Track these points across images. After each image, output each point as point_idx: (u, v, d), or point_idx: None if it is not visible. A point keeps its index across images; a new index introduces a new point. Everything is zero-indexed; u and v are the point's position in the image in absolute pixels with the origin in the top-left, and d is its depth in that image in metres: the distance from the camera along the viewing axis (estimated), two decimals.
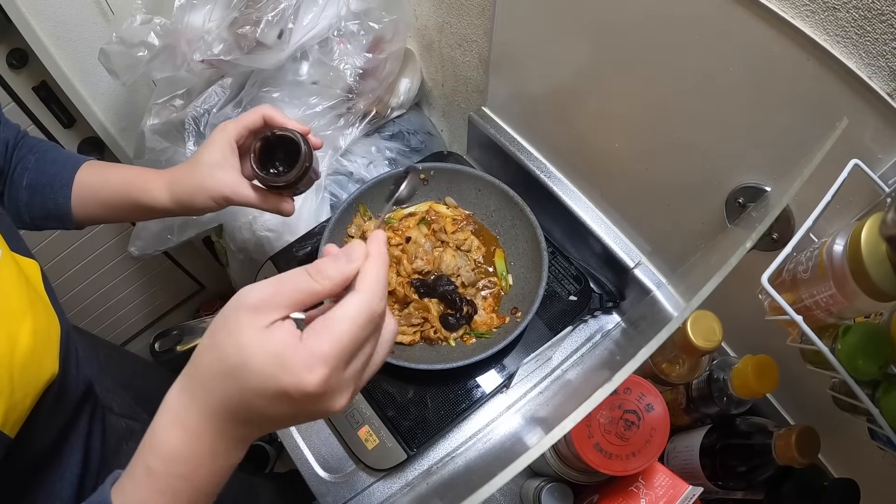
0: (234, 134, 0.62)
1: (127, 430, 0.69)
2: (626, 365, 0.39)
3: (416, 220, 0.87)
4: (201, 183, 0.61)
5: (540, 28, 0.72)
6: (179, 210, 0.62)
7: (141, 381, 0.84)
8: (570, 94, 0.76)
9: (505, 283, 0.84)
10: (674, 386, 0.74)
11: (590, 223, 0.84)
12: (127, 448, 0.67)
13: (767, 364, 0.61)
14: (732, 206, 0.63)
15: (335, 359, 0.34)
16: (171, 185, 0.62)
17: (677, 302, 0.73)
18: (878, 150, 0.49)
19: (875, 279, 0.40)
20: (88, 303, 1.54)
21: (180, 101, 0.94)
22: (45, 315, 0.47)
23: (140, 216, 0.65)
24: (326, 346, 0.34)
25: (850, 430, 0.56)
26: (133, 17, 0.83)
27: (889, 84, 0.45)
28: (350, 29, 0.91)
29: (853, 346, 0.45)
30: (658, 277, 0.81)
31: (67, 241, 1.37)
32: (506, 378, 0.79)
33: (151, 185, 0.62)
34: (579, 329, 0.86)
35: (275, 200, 0.64)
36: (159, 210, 0.63)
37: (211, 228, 1.03)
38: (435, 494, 0.71)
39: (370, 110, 1.00)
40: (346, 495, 0.76)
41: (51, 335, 0.47)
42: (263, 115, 0.62)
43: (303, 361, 0.33)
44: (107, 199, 0.63)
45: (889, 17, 0.42)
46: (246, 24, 0.84)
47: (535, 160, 0.88)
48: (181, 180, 0.62)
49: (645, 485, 0.61)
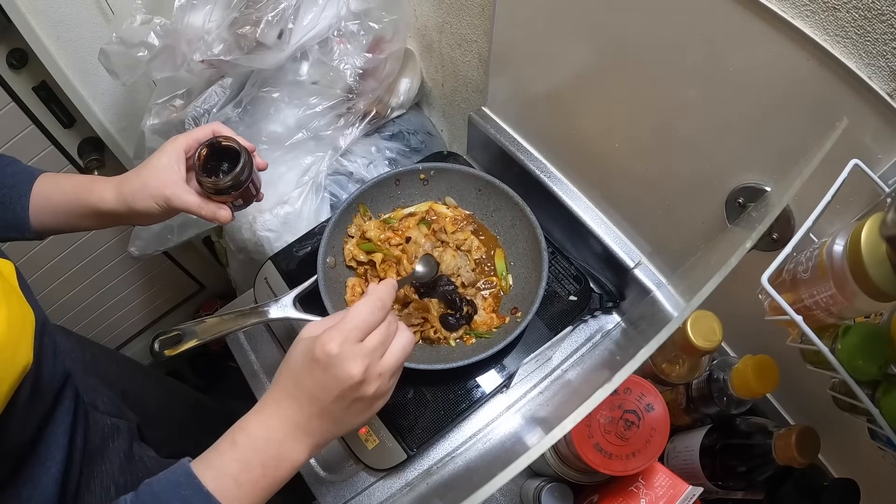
0: (184, 145, 0.65)
1: (112, 428, 0.69)
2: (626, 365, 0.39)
3: (416, 220, 0.87)
4: (145, 183, 0.63)
5: (540, 28, 0.72)
6: (125, 211, 0.64)
7: (128, 381, 0.85)
8: (570, 93, 0.76)
9: (505, 283, 0.84)
10: (674, 386, 0.74)
11: (590, 223, 0.84)
12: (113, 446, 0.68)
13: (767, 364, 0.61)
14: (732, 206, 0.63)
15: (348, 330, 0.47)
16: (119, 185, 0.64)
17: (677, 302, 0.73)
18: (878, 150, 0.49)
19: (875, 279, 0.40)
20: (89, 303, 1.54)
21: (180, 101, 0.94)
22: (18, 306, 0.48)
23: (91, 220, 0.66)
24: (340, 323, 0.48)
25: (850, 430, 0.56)
26: (133, 17, 0.83)
27: (889, 84, 0.45)
28: (350, 29, 0.91)
29: (853, 346, 0.45)
30: (658, 277, 0.81)
31: (67, 241, 1.37)
32: (506, 378, 0.79)
33: (99, 187, 0.64)
34: (579, 329, 0.86)
35: (212, 207, 0.66)
36: (106, 211, 0.64)
37: (211, 228, 1.03)
38: (435, 494, 0.71)
39: (370, 110, 1.00)
40: (346, 495, 0.76)
41: (25, 326, 0.48)
42: (213, 129, 0.66)
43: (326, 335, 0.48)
44: (58, 205, 0.64)
45: (889, 17, 0.42)
46: (246, 25, 0.84)
47: (535, 160, 0.88)
48: (128, 180, 0.64)
49: (645, 485, 0.61)
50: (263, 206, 0.95)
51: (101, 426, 0.68)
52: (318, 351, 0.47)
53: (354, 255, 0.84)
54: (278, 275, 0.87)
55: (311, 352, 0.47)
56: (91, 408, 0.68)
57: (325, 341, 0.47)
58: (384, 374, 0.49)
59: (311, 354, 0.47)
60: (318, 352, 0.47)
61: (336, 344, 0.46)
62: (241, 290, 1.14)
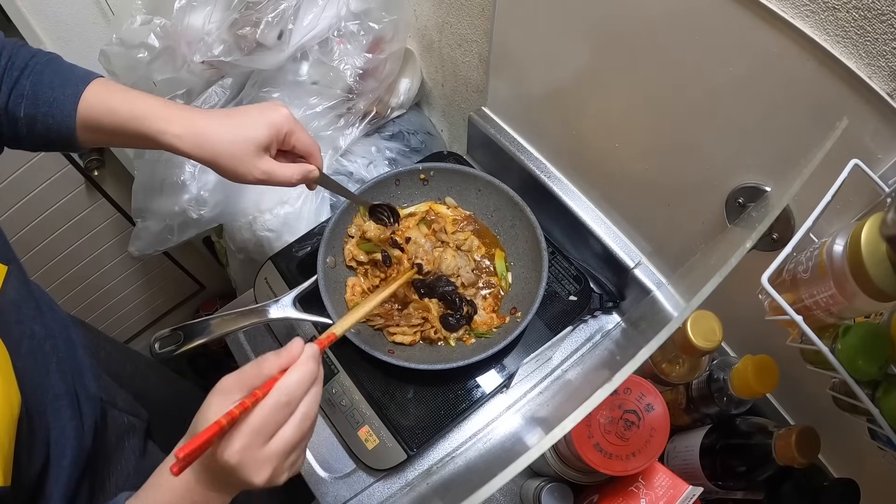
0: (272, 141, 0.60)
1: (129, 426, 0.69)
2: (626, 365, 0.39)
3: (416, 220, 0.87)
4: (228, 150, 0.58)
5: (540, 28, 0.72)
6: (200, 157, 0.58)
7: (140, 379, 0.84)
8: (570, 93, 0.76)
9: (505, 283, 0.84)
10: (674, 386, 0.74)
11: (590, 223, 0.84)
12: (129, 444, 0.67)
13: (767, 364, 0.61)
14: (732, 206, 0.63)
15: (250, 436, 0.43)
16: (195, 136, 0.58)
17: (677, 302, 0.73)
18: (878, 150, 0.49)
19: (875, 279, 0.40)
20: (89, 303, 1.54)
21: (180, 101, 0.94)
22: None
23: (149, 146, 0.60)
24: (243, 426, 0.43)
25: (850, 430, 0.55)
26: (133, 17, 0.83)
27: (889, 84, 0.45)
28: (350, 29, 0.91)
29: (853, 346, 0.45)
30: (658, 277, 0.81)
31: (68, 241, 1.37)
32: (506, 378, 0.79)
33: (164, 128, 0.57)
34: (579, 329, 0.86)
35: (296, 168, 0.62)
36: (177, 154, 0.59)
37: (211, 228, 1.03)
38: (435, 494, 0.71)
39: (370, 110, 1.00)
40: (346, 495, 0.76)
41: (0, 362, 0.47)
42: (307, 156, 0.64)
43: (226, 441, 0.43)
44: (112, 130, 0.58)
45: (889, 17, 0.42)
46: (246, 26, 0.84)
47: (535, 160, 0.88)
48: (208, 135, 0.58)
49: (645, 485, 0.61)
50: (263, 206, 0.95)
51: (118, 424, 0.67)
52: (221, 456, 0.43)
53: (354, 255, 0.84)
54: (278, 275, 0.87)
55: (217, 451, 0.43)
56: (109, 405, 0.67)
57: (225, 447, 0.43)
58: (295, 462, 0.47)
59: (217, 454, 0.43)
60: (220, 457, 0.43)
61: (235, 451, 0.42)
62: (241, 290, 1.14)
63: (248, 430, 0.43)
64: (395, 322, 0.80)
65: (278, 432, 0.45)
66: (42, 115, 0.56)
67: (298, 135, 0.62)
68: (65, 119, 0.57)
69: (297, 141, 0.62)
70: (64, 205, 1.29)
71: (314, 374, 0.47)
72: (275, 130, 0.59)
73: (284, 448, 0.45)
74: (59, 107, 0.56)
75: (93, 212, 1.35)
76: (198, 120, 0.58)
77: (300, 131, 0.62)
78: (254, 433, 0.43)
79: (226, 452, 0.42)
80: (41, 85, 0.57)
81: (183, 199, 0.93)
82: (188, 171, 0.92)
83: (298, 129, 0.62)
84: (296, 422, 0.45)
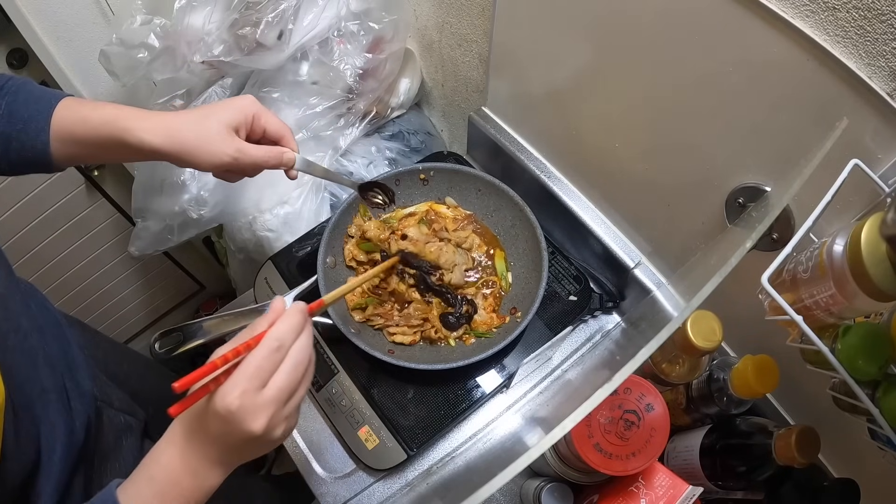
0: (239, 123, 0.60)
1: (125, 426, 0.69)
2: (626, 365, 0.39)
3: (416, 220, 0.87)
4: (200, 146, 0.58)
5: (540, 28, 0.72)
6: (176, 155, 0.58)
7: (139, 379, 0.84)
8: (570, 94, 0.76)
9: (505, 283, 0.84)
10: (674, 386, 0.74)
11: (590, 223, 0.84)
12: (126, 444, 0.67)
13: (767, 364, 0.61)
14: (732, 206, 0.63)
15: (246, 379, 0.44)
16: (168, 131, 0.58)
17: (677, 302, 0.73)
18: (878, 150, 0.49)
19: (875, 279, 0.40)
20: (88, 303, 1.54)
21: (180, 101, 0.94)
22: None
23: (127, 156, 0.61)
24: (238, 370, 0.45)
25: (850, 430, 0.55)
26: (133, 17, 0.83)
27: (889, 84, 0.45)
28: (350, 29, 0.91)
29: (853, 346, 0.45)
30: (658, 277, 0.81)
31: (67, 241, 1.37)
32: (506, 378, 0.79)
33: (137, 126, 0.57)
34: (579, 329, 0.86)
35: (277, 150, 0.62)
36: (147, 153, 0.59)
37: (211, 228, 1.03)
38: (435, 494, 0.71)
39: (370, 110, 1.00)
40: (346, 495, 0.76)
41: None
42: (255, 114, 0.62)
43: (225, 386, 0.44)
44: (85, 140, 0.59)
45: (889, 17, 0.42)
46: (246, 26, 0.84)
47: (536, 160, 0.88)
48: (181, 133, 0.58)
49: (645, 485, 0.61)
50: (263, 206, 0.95)
51: (115, 423, 0.67)
52: (218, 403, 0.44)
53: (354, 255, 0.84)
54: (278, 275, 0.87)
55: (213, 402, 0.44)
56: (105, 405, 0.67)
57: (223, 394, 0.44)
58: (291, 415, 0.48)
59: (213, 404, 0.44)
60: (217, 404, 0.44)
61: (235, 397, 0.43)
62: (241, 290, 1.14)
63: (244, 376, 0.44)
64: (395, 322, 0.80)
65: (272, 379, 0.45)
66: (17, 132, 0.57)
67: (267, 117, 0.62)
68: (38, 134, 0.57)
69: (266, 123, 0.62)
70: (64, 205, 1.28)
71: (302, 324, 0.48)
72: (240, 111, 0.60)
73: (279, 395, 0.45)
74: (32, 122, 0.57)
75: (93, 212, 1.35)
76: (167, 117, 0.59)
77: (268, 114, 0.62)
78: (249, 378, 0.44)
79: (226, 398, 0.43)
80: (16, 104, 0.58)
81: (183, 199, 0.93)
82: (188, 171, 0.92)
83: (265, 112, 0.62)
84: (287, 368, 0.46)
